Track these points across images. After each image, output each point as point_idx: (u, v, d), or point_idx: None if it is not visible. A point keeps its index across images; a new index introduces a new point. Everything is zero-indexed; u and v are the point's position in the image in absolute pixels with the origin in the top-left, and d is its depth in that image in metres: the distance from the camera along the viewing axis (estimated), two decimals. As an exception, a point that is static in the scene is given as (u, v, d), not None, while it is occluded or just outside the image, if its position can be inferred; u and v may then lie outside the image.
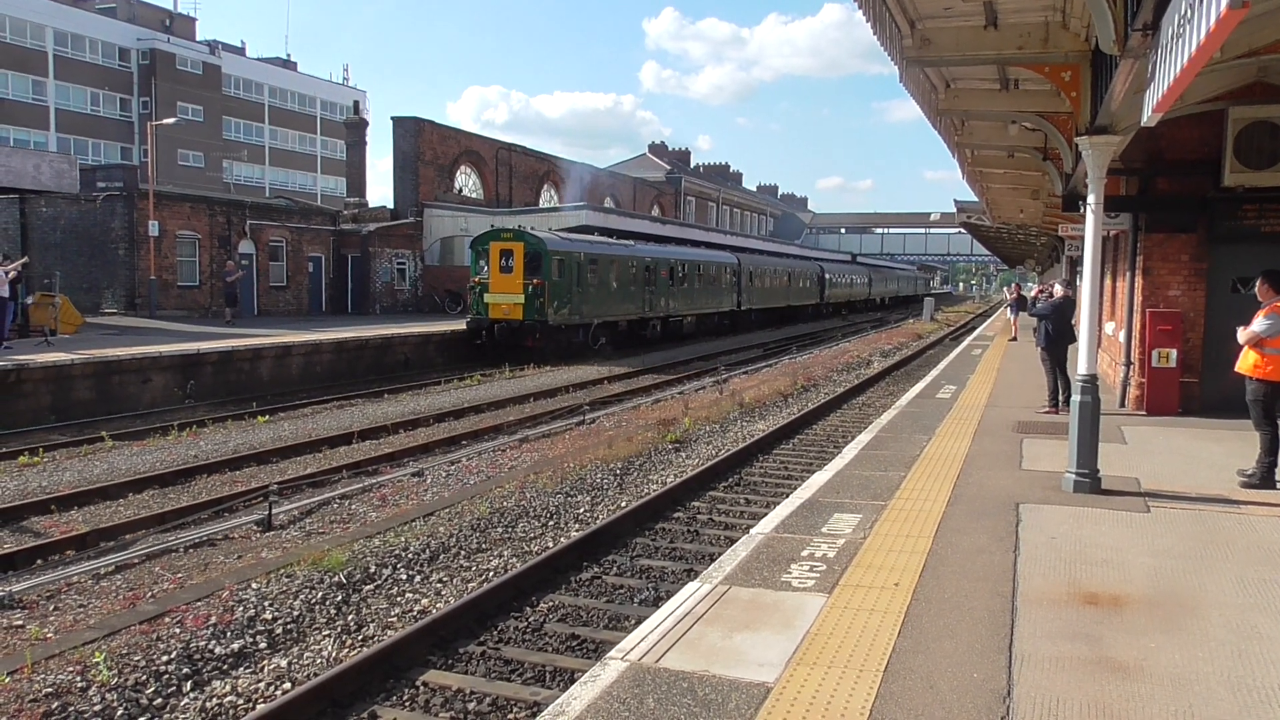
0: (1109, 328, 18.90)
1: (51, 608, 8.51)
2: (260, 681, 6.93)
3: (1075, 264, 27.89)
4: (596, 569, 9.39)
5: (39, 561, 10.18)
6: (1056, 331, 15.10)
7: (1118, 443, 12.14)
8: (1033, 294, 25.41)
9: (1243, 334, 9.76)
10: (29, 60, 65.03)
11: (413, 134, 46.13)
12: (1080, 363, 9.72)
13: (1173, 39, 5.56)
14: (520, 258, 30.81)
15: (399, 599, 8.64)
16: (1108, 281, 20.26)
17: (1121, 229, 16.07)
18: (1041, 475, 10.27)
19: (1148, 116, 6.76)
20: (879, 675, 5.21)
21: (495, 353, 30.42)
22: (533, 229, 34.45)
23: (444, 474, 13.74)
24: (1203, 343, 14.48)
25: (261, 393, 22.32)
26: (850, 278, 76.21)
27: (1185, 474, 10.44)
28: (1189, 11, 5.00)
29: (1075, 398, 9.53)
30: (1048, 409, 14.95)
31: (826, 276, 66.86)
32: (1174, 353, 14.27)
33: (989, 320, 52.59)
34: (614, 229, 42.28)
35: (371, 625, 8.03)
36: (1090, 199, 9.47)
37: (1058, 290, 16.03)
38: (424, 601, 8.55)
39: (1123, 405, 15.32)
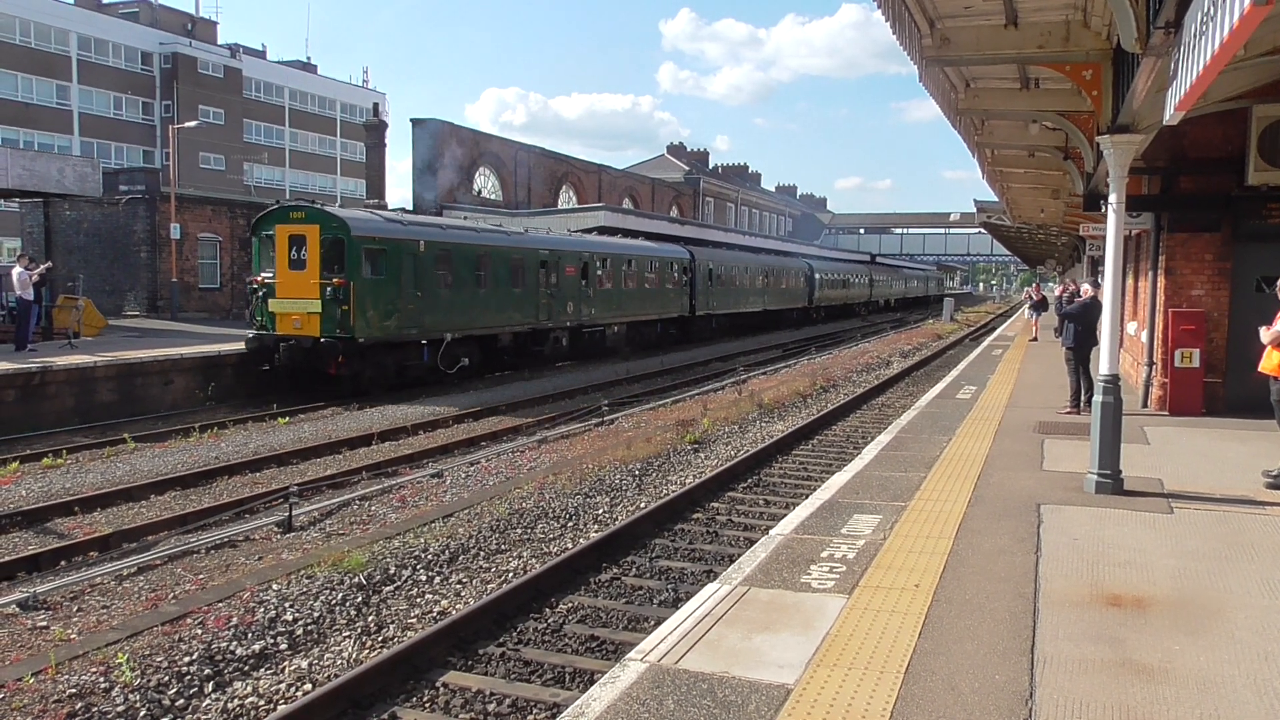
0: (1131, 328, 18.77)
1: (75, 609, 8.57)
2: (281, 682, 6.96)
3: (1096, 264, 27.71)
4: (616, 570, 9.38)
5: (63, 563, 10.27)
6: (1086, 331, 14.99)
7: (1140, 443, 12.05)
8: (1058, 293, 25.24)
9: (1266, 334, 9.67)
10: (53, 65, 65.58)
11: (432, 136, 46.29)
12: (1102, 363, 9.66)
13: (1195, 36, 5.52)
14: (315, 247, 21.75)
15: (419, 600, 8.65)
16: (1130, 281, 20.12)
17: (1143, 228, 15.95)
18: (1063, 476, 10.21)
19: (1170, 115, 6.72)
20: (900, 677, 5.19)
21: (292, 383, 22.30)
22: (549, 229, 33.50)
23: (463, 475, 13.77)
24: (1226, 343, 14.36)
25: (284, 393, 22.37)
26: (847, 277, 68.85)
27: (1209, 475, 10.35)
28: (1212, 9, 4.96)
29: (1097, 398, 9.47)
30: (1068, 409, 14.85)
31: (817, 276, 59.54)
32: (1197, 353, 14.16)
33: (1009, 321, 52.31)
34: (631, 229, 42.00)
35: (391, 626, 8.05)
36: (1112, 198, 9.40)
37: (1087, 289, 15.90)
38: (444, 603, 8.56)
39: (1145, 406, 15.21)
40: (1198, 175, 14.33)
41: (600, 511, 11.71)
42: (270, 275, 22.35)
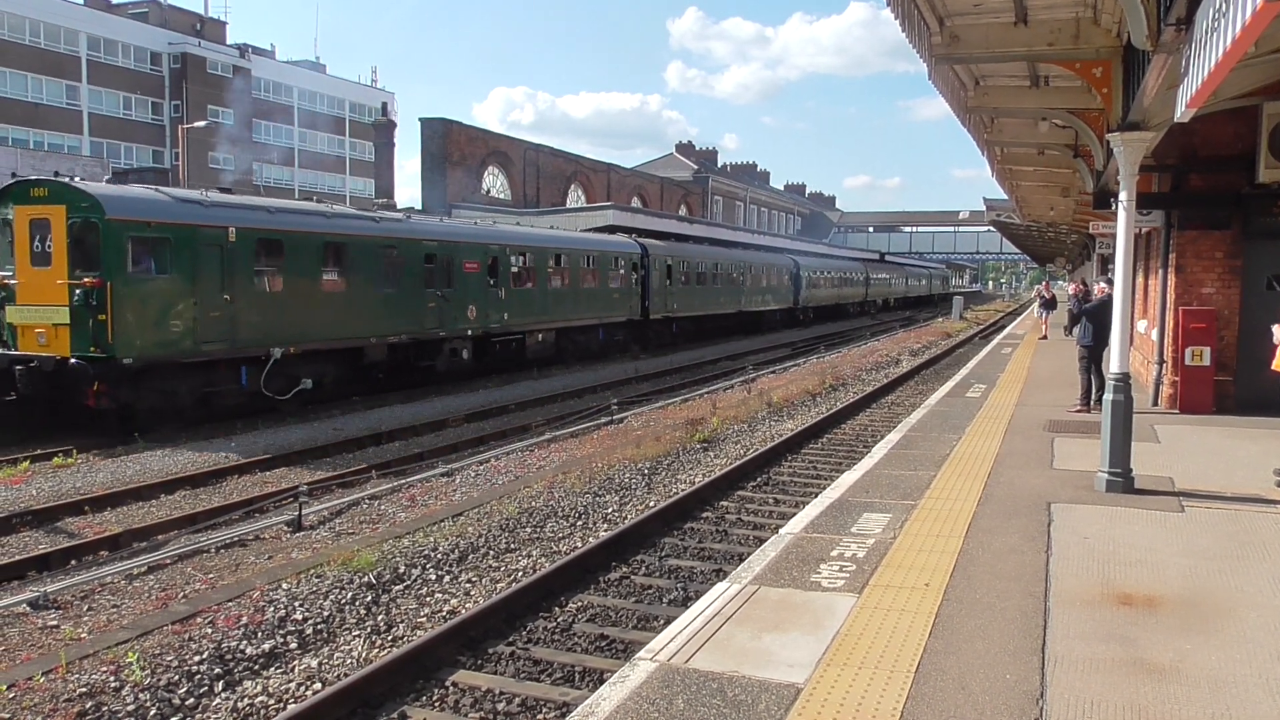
0: (1141, 326, 18.70)
1: (85, 608, 8.60)
2: (291, 682, 6.97)
3: (1106, 262, 27.64)
4: (625, 569, 9.38)
5: (73, 562, 10.31)
6: (1103, 329, 14.92)
7: (1151, 442, 12.01)
8: (1071, 291, 25.23)
9: (1278, 332, 9.62)
10: (63, 65, 65.76)
11: (440, 135, 46.37)
12: (1112, 361, 9.63)
13: (1207, 33, 5.49)
14: (61, 235, 16.52)
15: (428, 599, 8.66)
16: (1140, 279, 20.05)
17: (1154, 226, 15.89)
18: (1073, 475, 10.17)
19: (1181, 112, 6.69)
20: (910, 676, 5.17)
21: (45, 416, 17.24)
22: (560, 228, 32.68)
23: (472, 474, 13.78)
24: (1237, 341, 14.30)
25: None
26: (840, 275, 64.30)
27: (1220, 473, 10.31)
28: (1224, 5, 4.94)
29: (1108, 396, 9.44)
30: (1079, 408, 14.79)
31: (804, 274, 54.92)
32: (1208, 351, 14.10)
33: (1019, 319, 52.18)
34: (640, 228, 41.90)
35: (401, 625, 8.06)
36: (1122, 196, 9.37)
37: (1103, 287, 15.84)
38: (453, 602, 8.57)
39: (1155, 404, 15.16)
40: (1208, 173, 14.28)
41: (609, 510, 11.71)
42: (9, 274, 17.04)
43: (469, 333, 25.27)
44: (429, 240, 24.12)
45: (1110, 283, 16.10)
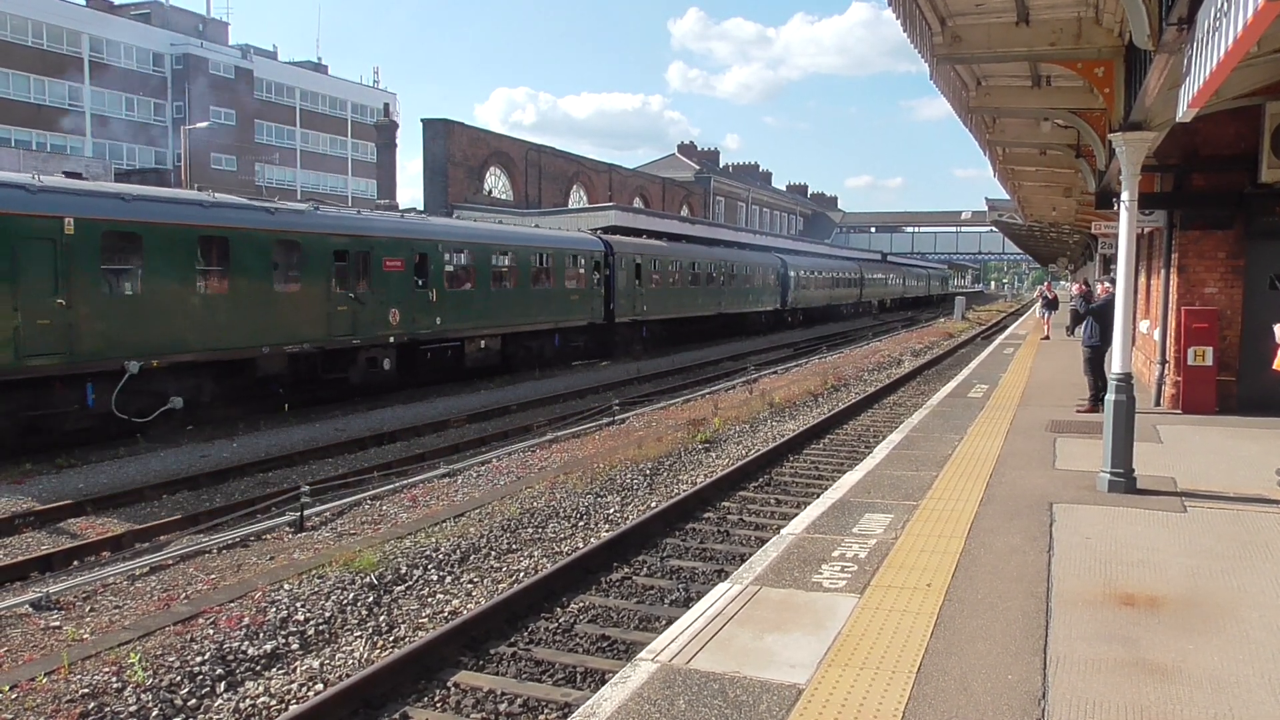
0: (1143, 326, 18.69)
1: (88, 609, 8.60)
2: (293, 682, 6.97)
3: (1109, 262, 27.63)
4: (627, 569, 9.38)
5: (75, 563, 10.31)
6: (1107, 328, 14.91)
7: (1153, 442, 12.00)
8: (1074, 290, 25.21)
9: (1280, 331, 9.62)
10: (65, 66, 65.84)
11: (442, 136, 46.40)
12: (1115, 361, 9.62)
13: (1208, 33, 5.49)
14: None
15: (430, 600, 8.66)
16: (1142, 279, 20.03)
17: (1156, 226, 15.88)
18: (1075, 475, 10.16)
19: (1183, 112, 6.68)
20: (912, 677, 5.17)
21: None
22: (561, 228, 31.54)
23: (474, 474, 13.78)
24: (1240, 341, 14.28)
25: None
26: (833, 274, 60.64)
27: (1222, 473, 10.30)
28: (1225, 5, 4.93)
29: (1110, 396, 9.43)
30: (1088, 407, 14.74)
31: (792, 273, 51.30)
32: (1210, 351, 14.09)
33: (1021, 319, 52.15)
34: (643, 229, 41.86)
35: (403, 626, 8.06)
36: (1124, 196, 9.36)
37: (1105, 286, 15.81)
38: (455, 602, 8.57)
39: (1158, 404, 15.14)
40: (1210, 172, 14.26)
41: (611, 511, 11.71)
42: None
43: (391, 340, 22.33)
44: (338, 235, 21.07)
45: (1113, 281, 16.12)
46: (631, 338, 34.60)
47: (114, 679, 6.78)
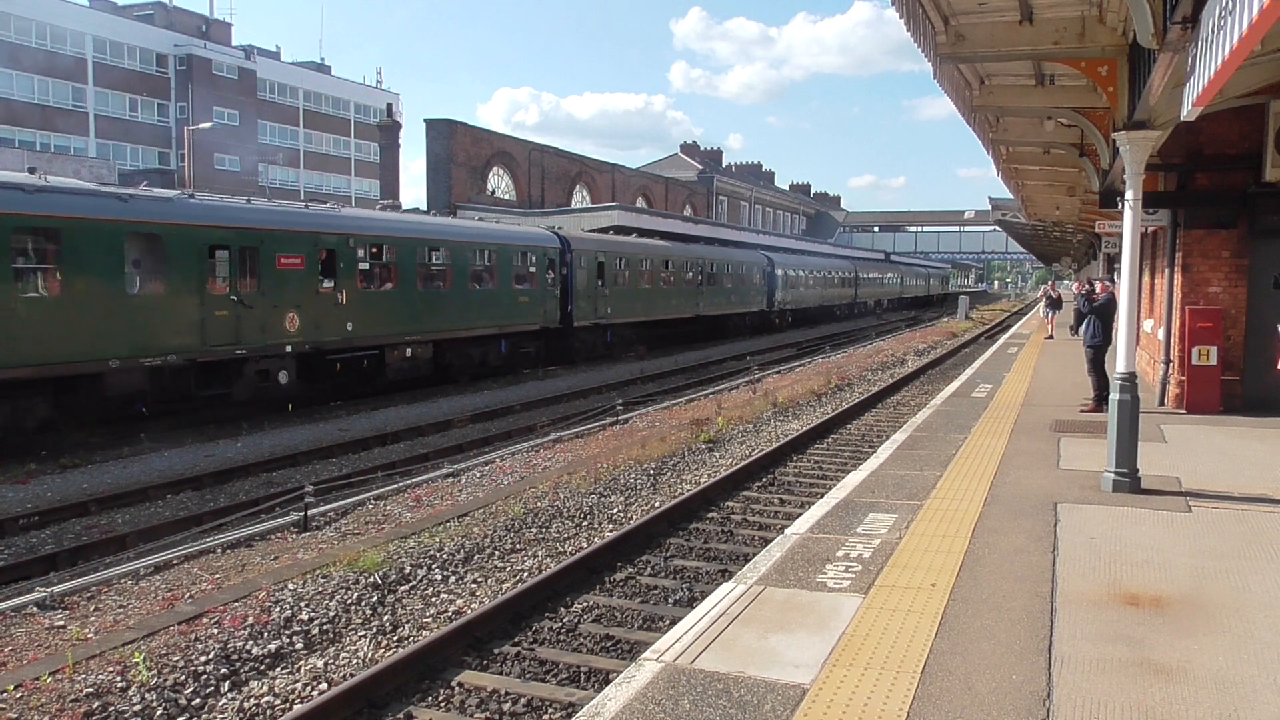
0: (1147, 325, 18.66)
1: (92, 608, 8.60)
2: (297, 682, 6.97)
3: (1113, 261, 27.59)
4: (631, 569, 9.37)
5: (80, 563, 10.32)
6: (1108, 327, 14.90)
7: (1157, 442, 11.98)
8: (1075, 289, 25.11)
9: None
10: (68, 67, 65.94)
11: (445, 136, 46.42)
12: (1119, 360, 9.61)
13: (1213, 32, 5.47)
14: None
15: (434, 600, 8.66)
16: (1146, 279, 20.01)
17: (1160, 225, 15.85)
18: (1080, 475, 10.15)
19: (1187, 111, 6.67)
20: (916, 677, 5.16)
21: None
22: (561, 228, 30.68)
23: (478, 474, 13.78)
24: (1244, 340, 14.26)
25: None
26: (824, 274, 57.26)
27: (1227, 473, 10.28)
28: (1230, 4, 4.92)
29: (1114, 396, 9.42)
30: (1091, 407, 14.73)
31: (779, 272, 47.75)
32: (1214, 350, 14.07)
33: (1024, 318, 52.10)
34: (646, 229, 41.78)
35: (407, 626, 8.06)
36: (1128, 195, 9.35)
37: (1105, 284, 15.78)
38: (459, 602, 8.57)
39: (1162, 404, 15.12)
40: (1214, 171, 14.24)
41: (615, 511, 11.70)
42: None
43: (288, 349, 19.49)
44: (215, 226, 18.17)
45: (1113, 280, 16.09)
46: (594, 343, 31.89)
47: (118, 678, 6.78)
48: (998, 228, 63.13)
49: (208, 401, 18.57)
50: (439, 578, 9.18)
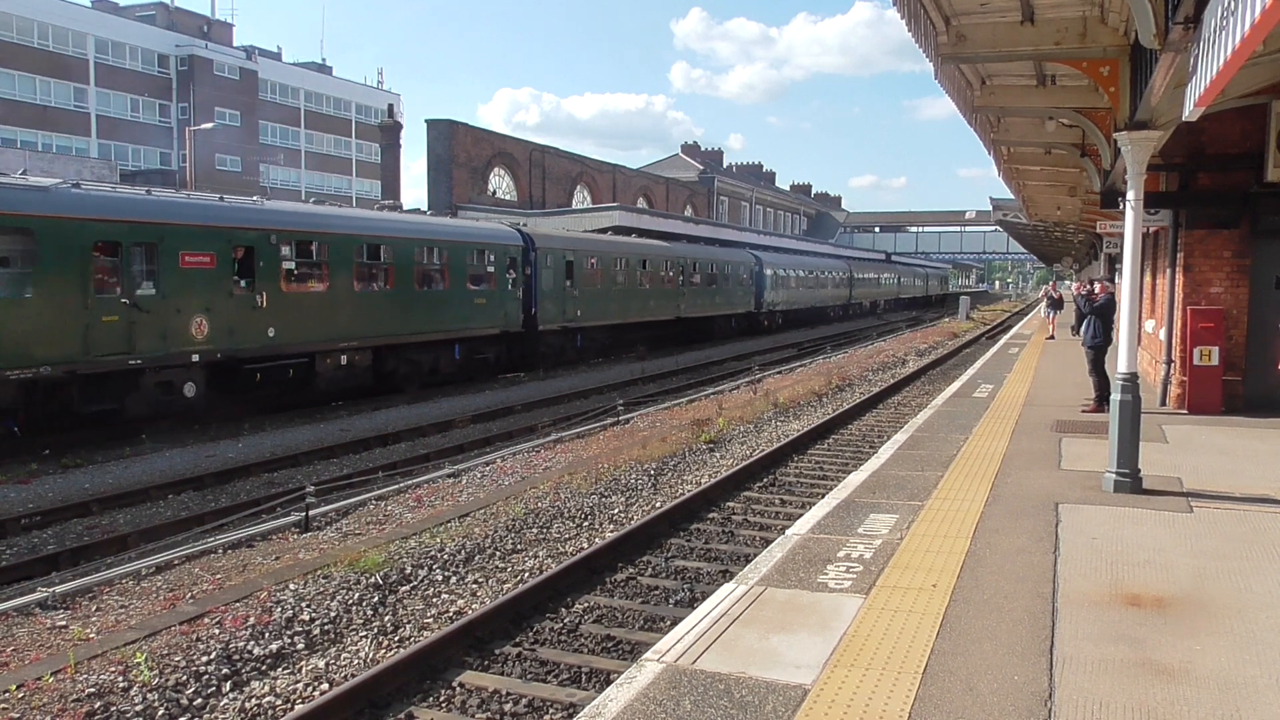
0: (1149, 325, 18.65)
1: (94, 608, 8.61)
2: (298, 682, 6.97)
3: (1114, 261, 27.58)
4: (631, 570, 9.37)
5: (81, 563, 10.32)
6: (1108, 327, 14.90)
7: (1159, 442, 11.97)
8: (1075, 289, 25.08)
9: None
10: (70, 67, 65.97)
11: (446, 136, 46.44)
12: (1120, 361, 9.60)
13: (1215, 32, 5.47)
14: None
15: (435, 600, 8.66)
16: (1147, 279, 20.00)
17: (1161, 225, 15.84)
18: (1081, 475, 10.14)
19: (1189, 111, 6.66)
20: (918, 677, 5.16)
21: None
22: (566, 230, 30.39)
23: (479, 475, 13.78)
24: (1246, 340, 14.25)
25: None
26: (817, 274, 55.03)
27: (1229, 473, 10.27)
28: (1232, 4, 4.92)
29: (1115, 396, 9.41)
30: (1093, 407, 14.73)
31: (768, 272, 46.00)
32: (1216, 350, 14.05)
33: (1025, 319, 52.07)
34: (646, 229, 41.70)
35: (408, 626, 8.06)
36: (1130, 195, 9.35)
37: (1104, 284, 15.77)
38: (460, 602, 8.57)
39: (1163, 404, 15.11)
40: (1216, 171, 14.23)
41: (616, 511, 11.70)
42: None
43: (195, 358, 17.50)
44: (101, 220, 16.12)
45: (1111, 280, 16.08)
46: (561, 347, 30.05)
47: (120, 678, 6.78)
48: (999, 228, 63.00)
49: (94, 419, 16.47)
50: (440, 578, 9.18)
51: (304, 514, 11.34)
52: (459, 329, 24.84)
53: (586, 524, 11.16)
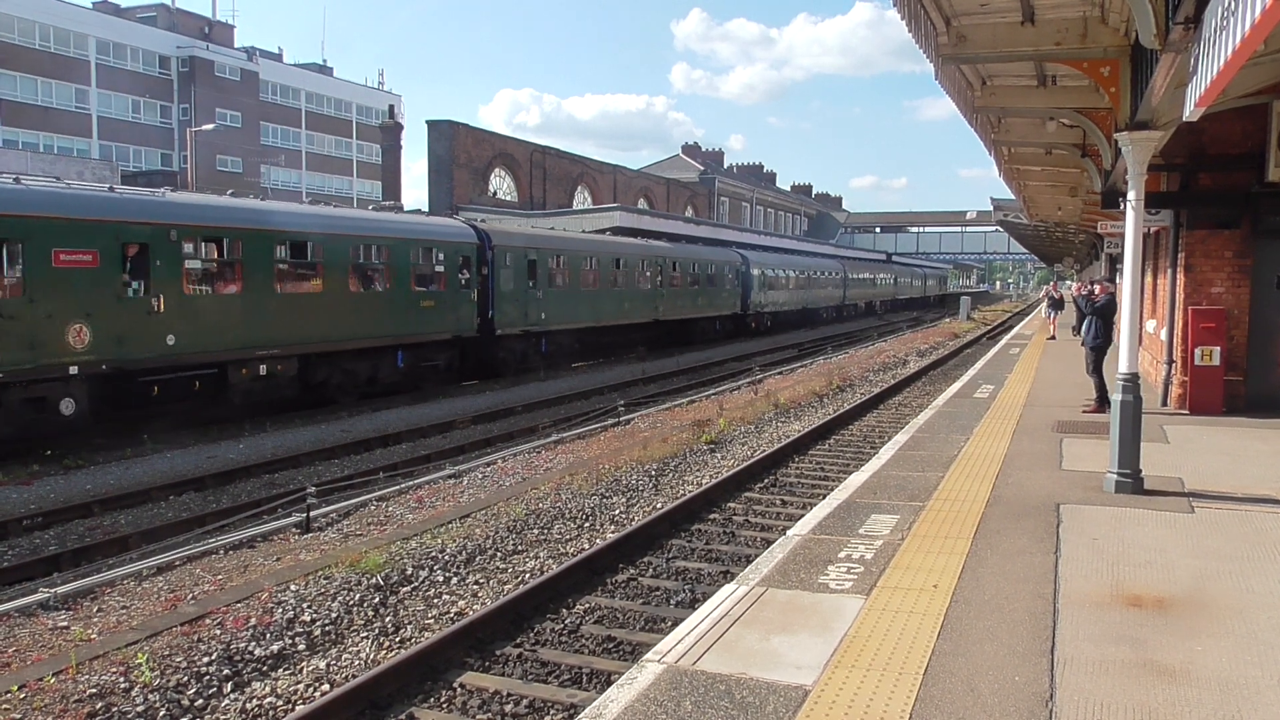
0: (1150, 326, 18.64)
1: (95, 609, 8.61)
2: (299, 683, 6.98)
3: (1115, 261, 27.56)
4: (632, 571, 9.37)
5: (83, 564, 10.33)
6: (1108, 327, 14.89)
7: (1160, 442, 11.97)
8: (1075, 290, 25.05)
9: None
10: (72, 69, 66.01)
11: (447, 137, 46.46)
12: (1121, 361, 9.59)
13: (1216, 32, 5.47)
14: None
15: (436, 601, 8.66)
16: (1148, 279, 19.99)
17: (1162, 225, 15.83)
18: (1082, 475, 10.14)
19: (1190, 111, 6.65)
20: (919, 678, 5.16)
21: None
22: (565, 229, 29.47)
23: (480, 475, 13.78)
24: (1247, 340, 14.24)
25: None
26: (808, 274, 52.64)
27: (1230, 474, 10.27)
28: (1232, 4, 4.92)
29: (1116, 397, 9.41)
30: (1093, 408, 14.72)
31: (755, 272, 44.06)
32: (1217, 351, 14.05)
33: (1026, 319, 52.04)
34: (647, 230, 41.64)
35: (409, 627, 8.06)
36: (1130, 195, 9.34)
37: (1104, 285, 15.77)
38: (461, 603, 8.57)
39: (1165, 404, 15.10)
40: (1217, 172, 14.22)
41: (617, 512, 11.70)
42: None
43: (72, 370, 15.54)
44: None
45: (1111, 281, 16.08)
46: (525, 353, 27.99)
47: (121, 679, 6.78)
48: (1000, 228, 62.91)
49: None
50: (441, 579, 9.18)
51: (305, 515, 11.33)
52: (403, 334, 22.83)
53: (587, 525, 11.16)
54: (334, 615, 8.14)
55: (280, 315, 19.31)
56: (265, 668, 7.24)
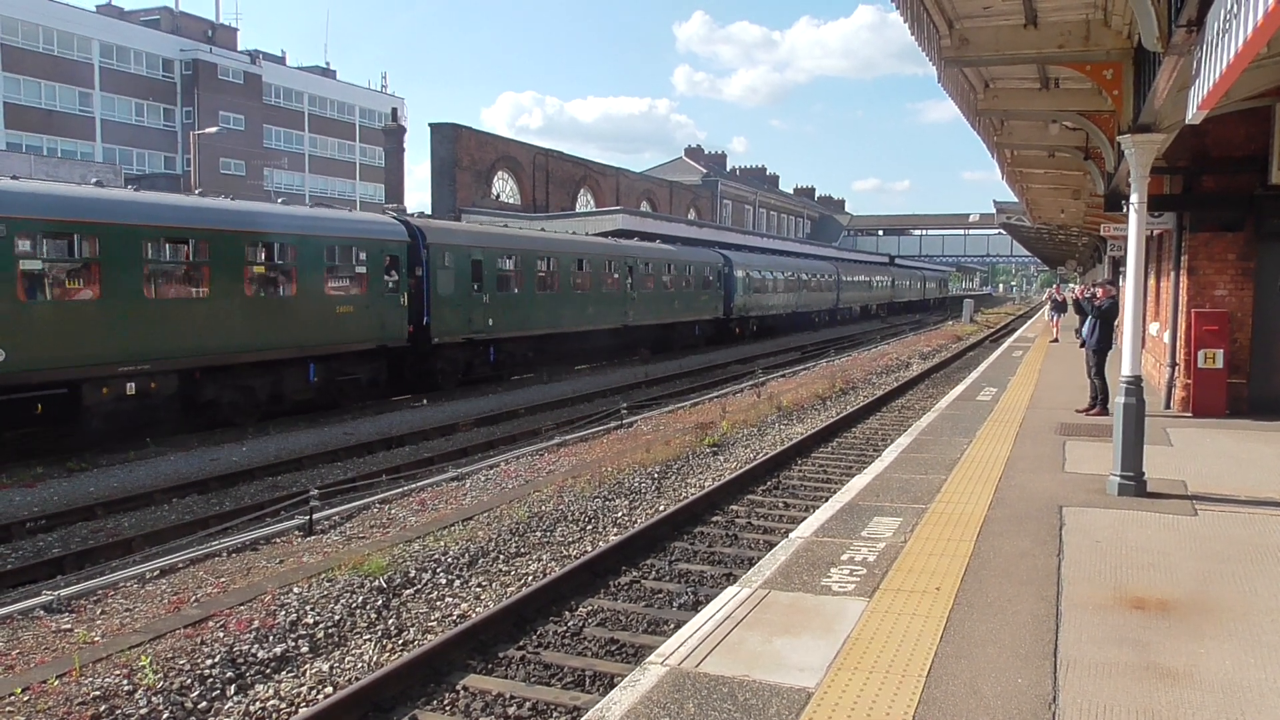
0: (1153, 328, 18.63)
1: (99, 611, 8.62)
2: (302, 685, 6.98)
3: (1118, 264, 27.55)
4: (635, 573, 9.37)
5: (86, 566, 10.34)
6: (1109, 330, 14.88)
7: (1163, 445, 11.96)
8: (1077, 293, 25.04)
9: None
10: (75, 73, 66.14)
11: (450, 140, 46.46)
12: (1124, 363, 9.59)
13: (1218, 34, 5.47)
14: None
15: (438, 603, 8.67)
16: (1151, 282, 19.97)
17: (1165, 228, 15.83)
18: (1085, 478, 10.13)
19: (1192, 114, 6.65)
20: (921, 680, 5.16)
21: None
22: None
23: (482, 478, 13.78)
24: (1250, 343, 14.23)
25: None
26: (799, 276, 50.14)
27: (1233, 476, 10.26)
28: (1235, 7, 4.92)
29: (1119, 399, 9.40)
30: (1085, 407, 14.71)
31: (739, 274, 41.62)
32: (1220, 353, 14.04)
33: (1029, 322, 51.99)
34: (650, 232, 41.62)
35: (412, 629, 8.07)
36: (1133, 198, 9.34)
37: (1105, 288, 15.76)
38: (463, 606, 8.57)
39: (1168, 407, 15.09)
40: (1220, 174, 14.22)
41: (619, 514, 11.70)
42: None
43: None
44: None
45: (1112, 284, 16.08)
46: (469, 363, 25.29)
47: (125, 681, 6.79)
48: (1002, 231, 62.88)
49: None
50: (444, 581, 9.18)
51: (308, 517, 11.34)
52: (314, 344, 19.93)
53: (590, 527, 11.16)
54: (337, 618, 8.14)
55: (152, 324, 16.57)
56: (268, 670, 7.24)
